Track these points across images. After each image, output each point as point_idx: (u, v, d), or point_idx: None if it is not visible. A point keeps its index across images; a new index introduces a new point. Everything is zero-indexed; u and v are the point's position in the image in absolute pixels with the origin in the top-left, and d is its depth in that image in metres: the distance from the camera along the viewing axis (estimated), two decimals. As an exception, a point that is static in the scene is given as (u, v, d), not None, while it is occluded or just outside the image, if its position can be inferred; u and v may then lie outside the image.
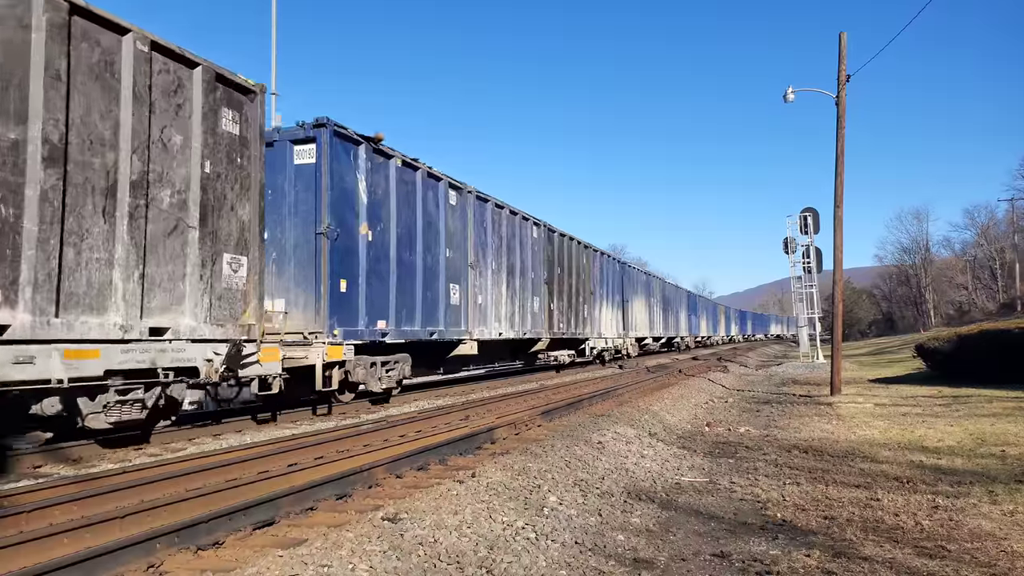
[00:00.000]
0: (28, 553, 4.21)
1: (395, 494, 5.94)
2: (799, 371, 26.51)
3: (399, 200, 13.13)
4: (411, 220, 13.64)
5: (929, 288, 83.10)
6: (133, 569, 4.10)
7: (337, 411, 12.35)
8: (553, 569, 4.47)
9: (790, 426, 11.28)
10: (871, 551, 4.87)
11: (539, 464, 6.93)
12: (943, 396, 14.95)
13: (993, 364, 16.92)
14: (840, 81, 16.08)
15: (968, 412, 12.25)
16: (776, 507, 6.16)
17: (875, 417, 12.13)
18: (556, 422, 10.27)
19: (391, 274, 12.83)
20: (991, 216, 79.29)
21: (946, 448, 8.92)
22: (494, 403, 13.14)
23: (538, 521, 5.30)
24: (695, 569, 4.56)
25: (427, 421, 10.38)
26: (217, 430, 10.03)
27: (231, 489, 5.72)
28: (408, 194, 13.57)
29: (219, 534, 4.69)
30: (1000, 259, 74.78)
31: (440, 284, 14.61)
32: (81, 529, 4.57)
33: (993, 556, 4.78)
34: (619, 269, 29.67)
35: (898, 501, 6.27)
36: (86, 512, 5.29)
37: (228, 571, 4.01)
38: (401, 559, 4.27)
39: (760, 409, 13.84)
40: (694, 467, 8.03)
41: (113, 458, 8.08)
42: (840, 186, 16.07)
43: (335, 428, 10.17)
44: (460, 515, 5.14)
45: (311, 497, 5.60)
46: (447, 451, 7.70)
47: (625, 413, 11.08)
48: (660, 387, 16.59)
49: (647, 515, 5.86)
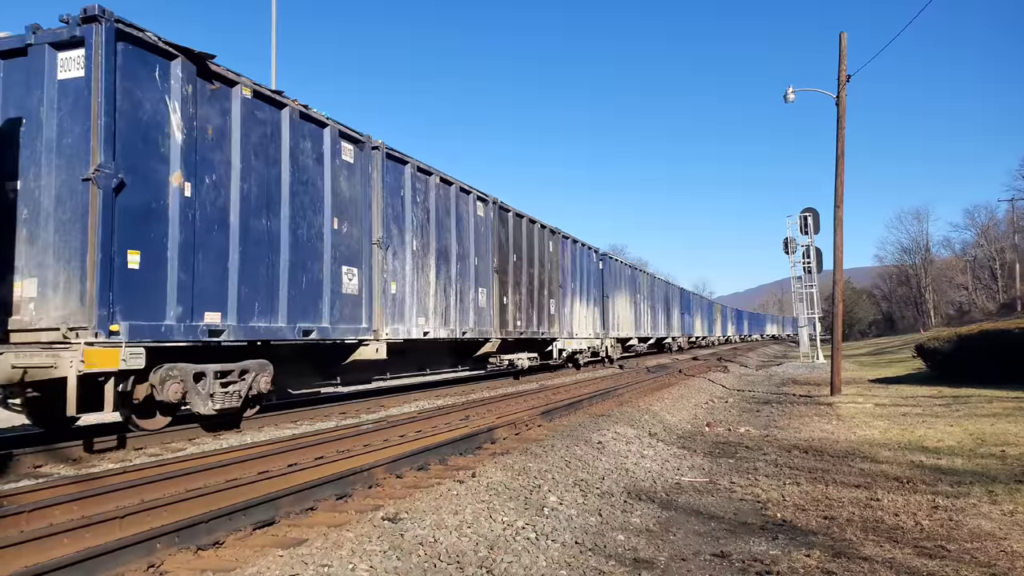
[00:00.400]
0: (29, 553, 4.21)
1: (395, 494, 5.95)
2: (799, 371, 26.52)
3: (247, 146, 9.42)
4: (269, 175, 9.84)
5: (929, 288, 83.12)
6: (133, 569, 4.10)
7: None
8: (553, 569, 4.47)
9: (790, 426, 11.28)
10: (871, 551, 4.87)
11: (539, 464, 6.93)
12: (943, 396, 14.96)
13: (993, 364, 16.93)
14: (840, 81, 16.08)
15: (968, 412, 12.25)
16: (776, 507, 6.16)
17: (875, 417, 12.14)
18: (556, 422, 10.27)
19: (232, 248, 9.16)
20: (991, 216, 79.37)
21: (946, 448, 8.92)
22: (494, 403, 13.14)
23: (538, 521, 5.30)
24: (695, 569, 4.56)
25: (427, 421, 10.38)
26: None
27: (231, 489, 5.72)
28: (265, 140, 9.77)
29: (219, 534, 4.69)
30: (1000, 259, 74.79)
31: (323, 265, 10.93)
32: (81, 529, 4.57)
33: (993, 556, 4.78)
34: (597, 260, 26.13)
35: (898, 501, 6.27)
36: (86, 512, 5.28)
37: (228, 571, 4.01)
38: (401, 559, 4.27)
39: (760, 409, 13.84)
40: (694, 467, 8.03)
41: (113, 458, 8.08)
42: (840, 186, 16.08)
43: (335, 428, 10.17)
44: (460, 515, 5.15)
45: (311, 497, 5.60)
46: (447, 451, 7.70)
47: (625, 413, 11.08)
48: (660, 387, 16.59)
49: (647, 515, 5.86)
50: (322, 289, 10.93)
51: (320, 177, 11.00)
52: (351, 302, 11.65)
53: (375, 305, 12.21)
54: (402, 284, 13.07)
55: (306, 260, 10.60)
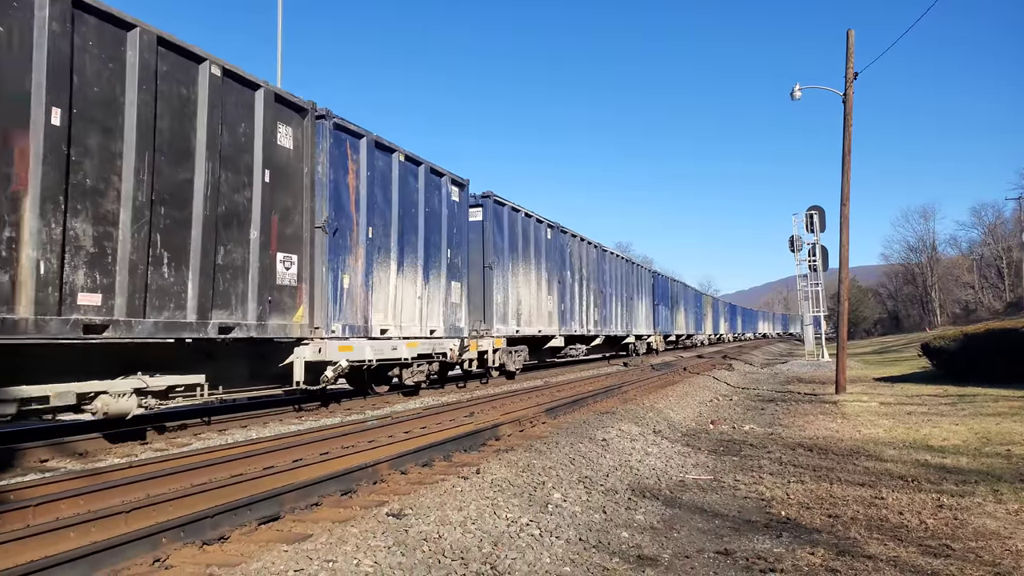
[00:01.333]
0: (36, 546, 4.24)
1: (400, 490, 5.96)
2: (804, 369, 26.47)
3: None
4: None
5: (935, 287, 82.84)
6: (139, 563, 4.12)
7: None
8: (557, 565, 4.48)
9: (795, 424, 11.26)
10: (875, 549, 4.87)
11: (543, 461, 6.93)
12: (948, 395, 14.91)
13: (999, 363, 16.86)
14: (848, 78, 16.02)
15: (974, 411, 12.21)
16: (780, 505, 6.16)
17: (880, 416, 12.11)
18: (560, 419, 10.28)
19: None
20: (998, 215, 79.11)
21: (951, 447, 8.90)
22: (499, 400, 13.15)
23: (542, 518, 5.31)
24: (699, 566, 4.56)
25: (432, 417, 10.39)
26: (222, 425, 10.08)
27: (236, 484, 5.74)
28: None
29: (224, 529, 4.71)
30: (1007, 258, 74.53)
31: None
32: (88, 523, 4.59)
33: (998, 555, 4.77)
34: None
35: (903, 500, 6.26)
36: (92, 506, 5.31)
37: (233, 566, 4.02)
38: (406, 555, 4.28)
39: (765, 407, 13.82)
40: (698, 465, 8.03)
41: (119, 452, 8.12)
42: (847, 184, 16.03)
43: (340, 424, 10.19)
44: (464, 511, 5.16)
45: (316, 493, 5.62)
46: (452, 447, 7.71)
47: (630, 410, 11.08)
48: (664, 384, 16.58)
49: (651, 512, 5.86)
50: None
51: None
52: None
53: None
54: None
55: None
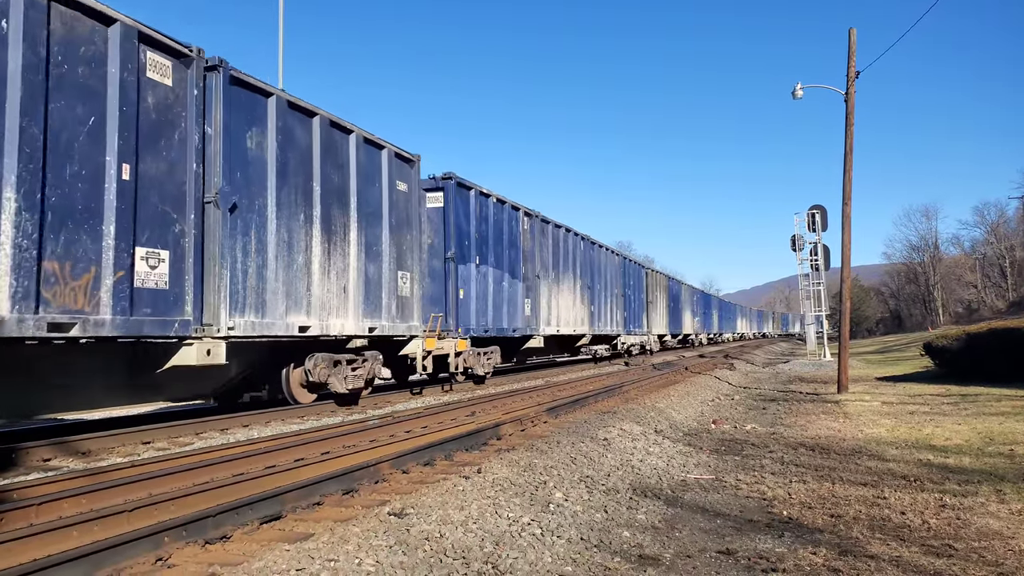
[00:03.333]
0: (39, 545, 4.24)
1: (401, 489, 5.96)
2: (806, 369, 26.45)
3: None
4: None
5: (938, 286, 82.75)
6: (141, 562, 4.12)
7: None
8: (559, 565, 4.47)
9: (797, 424, 11.25)
10: (877, 549, 4.86)
11: (545, 460, 6.93)
12: (951, 394, 14.89)
13: (1002, 362, 16.84)
14: (850, 77, 15.99)
15: (976, 411, 12.20)
16: (782, 505, 6.15)
17: (882, 415, 12.09)
18: (562, 418, 10.28)
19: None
20: (1001, 214, 79.00)
21: (954, 447, 8.88)
22: (500, 399, 13.15)
23: (544, 517, 5.31)
24: (701, 566, 4.56)
25: (433, 417, 10.40)
26: (224, 424, 10.08)
27: (238, 483, 5.75)
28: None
29: (226, 528, 4.71)
30: (1010, 257, 74.40)
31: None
32: (90, 522, 4.60)
33: (1001, 555, 4.76)
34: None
35: (905, 499, 6.25)
36: (95, 505, 5.32)
37: (235, 565, 4.03)
38: (407, 554, 4.28)
39: (767, 407, 13.81)
40: (700, 464, 8.02)
41: (121, 452, 8.13)
42: (848, 183, 16.01)
43: (341, 423, 10.20)
44: (466, 511, 5.16)
45: (317, 492, 5.62)
46: (453, 447, 7.71)
47: (631, 410, 11.07)
48: (666, 384, 16.57)
49: (653, 512, 5.86)
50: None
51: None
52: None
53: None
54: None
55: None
